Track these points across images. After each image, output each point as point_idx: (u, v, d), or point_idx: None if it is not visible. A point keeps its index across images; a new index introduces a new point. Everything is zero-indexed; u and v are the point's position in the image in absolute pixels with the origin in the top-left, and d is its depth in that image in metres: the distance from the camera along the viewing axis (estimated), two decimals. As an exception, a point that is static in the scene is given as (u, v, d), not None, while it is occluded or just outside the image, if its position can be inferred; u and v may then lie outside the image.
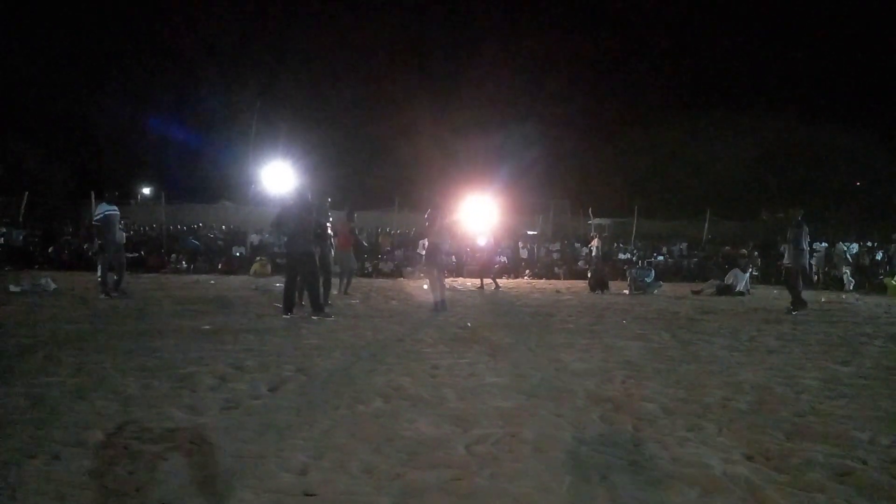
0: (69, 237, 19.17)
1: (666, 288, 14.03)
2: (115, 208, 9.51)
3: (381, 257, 19.08)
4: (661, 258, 21.05)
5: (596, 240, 17.02)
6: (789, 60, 40.41)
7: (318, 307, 7.52)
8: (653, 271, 13.90)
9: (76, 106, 31.66)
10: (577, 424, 3.28)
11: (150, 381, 4.01)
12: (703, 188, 32.11)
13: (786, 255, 9.27)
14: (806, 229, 9.00)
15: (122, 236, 9.88)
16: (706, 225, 23.44)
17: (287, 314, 7.44)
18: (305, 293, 7.92)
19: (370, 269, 17.80)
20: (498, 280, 14.26)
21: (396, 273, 17.80)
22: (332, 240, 9.41)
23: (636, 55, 46.79)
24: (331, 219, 9.29)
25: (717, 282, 13.72)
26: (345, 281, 10.91)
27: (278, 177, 20.77)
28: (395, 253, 19.91)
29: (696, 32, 44.21)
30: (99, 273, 9.38)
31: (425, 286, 10.92)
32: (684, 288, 14.51)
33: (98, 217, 9.35)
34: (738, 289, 13.15)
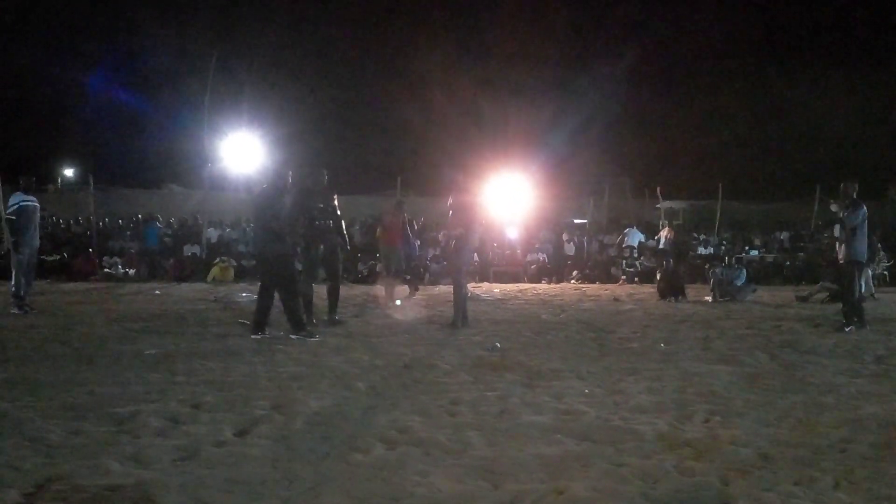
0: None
1: (762, 293, 13.92)
2: (34, 199, 9.76)
3: (379, 257, 19.11)
4: (754, 253, 20.82)
5: (667, 229, 16.93)
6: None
7: (298, 324, 7.55)
8: (744, 271, 13.75)
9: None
10: (645, 477, 3.27)
11: (80, 425, 4.05)
12: (811, 158, 31.66)
13: (839, 248, 8.89)
14: (864, 211, 8.78)
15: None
16: (816, 208, 23.11)
17: (257, 334, 7.48)
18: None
19: (364, 273, 17.87)
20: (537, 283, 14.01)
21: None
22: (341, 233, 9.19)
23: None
24: (336, 201, 8.83)
25: (831, 284, 13.54)
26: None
27: (243, 153, 20.90)
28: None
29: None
30: (13, 282, 9.59)
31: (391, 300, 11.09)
32: (787, 293, 14.35)
33: (12, 209, 9.56)
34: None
